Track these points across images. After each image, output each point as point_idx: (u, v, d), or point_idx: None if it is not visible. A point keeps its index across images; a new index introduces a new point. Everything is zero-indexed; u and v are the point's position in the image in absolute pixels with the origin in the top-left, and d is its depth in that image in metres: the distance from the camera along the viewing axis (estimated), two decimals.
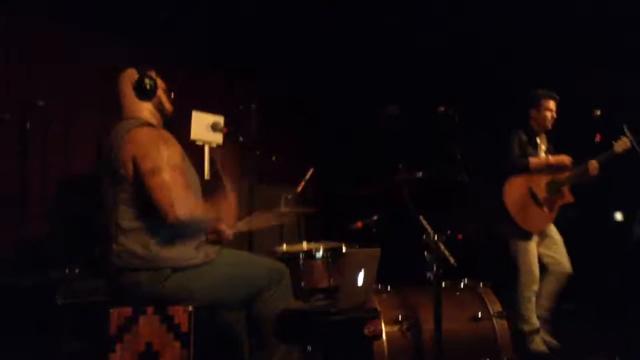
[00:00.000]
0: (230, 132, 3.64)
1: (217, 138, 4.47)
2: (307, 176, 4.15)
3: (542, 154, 4.38)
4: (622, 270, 7.60)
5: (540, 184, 4.25)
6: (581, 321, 4.34)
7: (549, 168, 4.25)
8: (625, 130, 4.17)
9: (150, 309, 2.48)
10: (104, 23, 4.90)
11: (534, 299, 4.12)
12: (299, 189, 4.09)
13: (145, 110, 2.67)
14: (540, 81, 4.68)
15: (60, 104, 4.68)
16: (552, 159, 4.28)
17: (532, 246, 4.18)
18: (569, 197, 4.31)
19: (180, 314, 2.50)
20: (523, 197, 4.20)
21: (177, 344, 2.49)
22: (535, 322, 4.09)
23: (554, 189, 4.25)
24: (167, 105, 2.76)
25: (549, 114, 4.35)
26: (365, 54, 7.03)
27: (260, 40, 6.20)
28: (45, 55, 4.64)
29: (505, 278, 4.30)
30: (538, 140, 4.42)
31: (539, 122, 4.38)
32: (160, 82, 2.75)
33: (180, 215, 2.42)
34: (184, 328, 2.50)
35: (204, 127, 3.91)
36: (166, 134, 2.59)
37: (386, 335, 2.82)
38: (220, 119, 3.92)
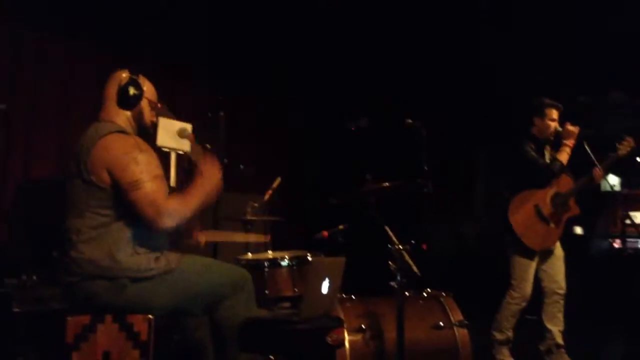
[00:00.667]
0: (198, 140, 3.59)
1: (184, 145, 4.42)
2: (275, 185, 4.13)
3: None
4: (582, 282, 7.77)
5: (545, 199, 4.14)
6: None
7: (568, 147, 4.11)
8: (586, 146, 4.15)
9: (109, 317, 2.43)
10: (67, 26, 4.85)
11: (518, 314, 4.09)
12: (266, 197, 4.07)
13: (122, 116, 2.63)
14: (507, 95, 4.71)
15: (22, 107, 4.60)
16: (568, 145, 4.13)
17: (533, 264, 4.11)
18: (575, 209, 4.22)
19: (140, 322, 2.46)
20: (529, 215, 4.11)
21: (136, 353, 2.44)
22: (509, 334, 4.08)
23: (559, 202, 4.13)
24: (147, 118, 2.72)
25: (552, 124, 4.20)
26: (335, 65, 7.09)
27: (229, 48, 6.19)
28: (5, 57, 4.56)
29: (468, 288, 4.35)
30: (544, 150, 4.27)
31: (542, 132, 4.23)
32: (149, 93, 2.70)
33: (168, 224, 2.44)
34: (144, 336, 2.46)
35: (171, 133, 3.85)
36: (141, 141, 2.56)
37: (349, 344, 2.82)
38: (187, 126, 3.87)
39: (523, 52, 6.52)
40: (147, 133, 2.76)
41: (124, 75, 2.65)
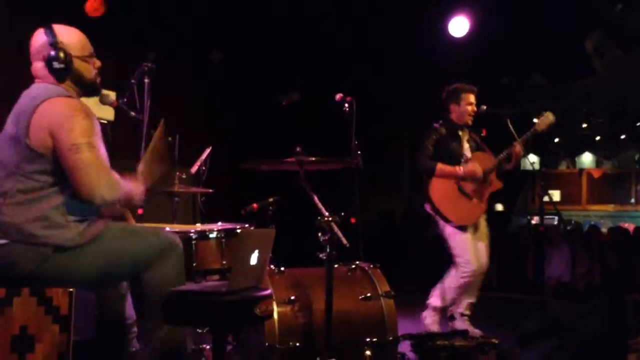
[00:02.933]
0: (120, 106, 3.45)
1: (107, 113, 4.26)
2: (203, 156, 4.06)
3: (466, 145, 4.37)
4: (501, 255, 8.15)
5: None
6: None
7: (457, 178, 4.22)
8: (509, 124, 4.31)
9: (25, 290, 2.33)
10: None
11: (464, 288, 4.19)
12: (194, 168, 3.99)
13: (64, 85, 2.48)
14: (440, 77, 4.78)
15: None
16: (461, 170, 4.21)
17: (468, 237, 4.21)
18: (497, 184, 4.34)
19: (60, 296, 2.36)
20: (451, 192, 4.21)
21: (56, 328, 2.35)
22: (447, 305, 4.22)
23: (480, 178, 4.24)
24: (87, 75, 2.55)
25: (469, 108, 4.31)
26: (268, 38, 7.00)
27: (163, 10, 5.98)
28: None
29: (394, 260, 4.46)
30: (460, 133, 4.38)
31: (460, 117, 4.33)
32: (77, 48, 2.50)
33: (107, 196, 2.36)
34: (64, 310, 2.37)
35: (92, 100, 3.69)
36: (86, 106, 2.44)
37: (278, 316, 2.83)
38: (110, 93, 3.71)
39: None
40: (94, 88, 2.61)
41: (43, 41, 2.45)
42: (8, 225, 2.32)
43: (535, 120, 4.35)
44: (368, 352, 2.91)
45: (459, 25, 6.62)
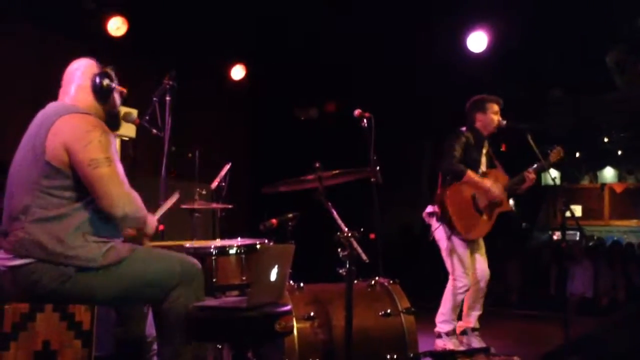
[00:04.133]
0: (142, 123, 3.50)
1: (129, 130, 4.32)
2: (223, 172, 4.08)
3: (483, 159, 4.39)
4: (523, 271, 8.04)
5: (482, 191, 4.26)
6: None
7: (481, 190, 4.23)
8: (530, 139, 4.28)
9: (49, 306, 2.35)
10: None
11: (461, 303, 4.19)
12: (214, 184, 4.01)
13: (91, 106, 2.56)
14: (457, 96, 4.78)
15: None
16: (488, 185, 4.20)
17: (468, 252, 4.21)
18: (507, 206, 4.37)
19: (82, 312, 2.39)
20: (465, 204, 4.21)
21: (78, 343, 2.38)
22: (455, 324, 4.19)
23: (499, 199, 4.24)
24: (116, 107, 2.67)
25: (495, 117, 4.35)
26: (287, 55, 7.06)
27: (183, 28, 6.06)
28: None
29: (414, 276, 4.43)
30: (483, 144, 4.40)
31: (486, 126, 4.36)
32: (116, 81, 2.63)
33: (128, 209, 2.39)
34: (86, 326, 2.39)
35: None
36: (103, 124, 2.50)
37: (297, 332, 2.82)
38: (133, 110, 3.77)
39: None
40: (117, 122, 2.70)
41: (92, 62, 2.58)
42: (31, 243, 2.34)
43: (549, 151, 4.37)
44: None
45: (478, 40, 6.61)
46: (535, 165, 4.32)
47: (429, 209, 4.35)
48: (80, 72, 2.57)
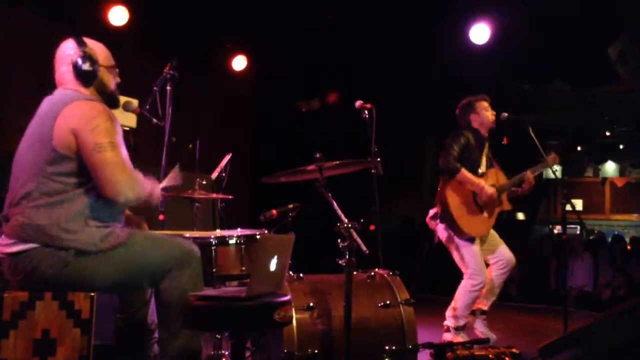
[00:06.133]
0: (143, 113, 3.49)
1: (130, 120, 4.31)
2: (223, 162, 4.07)
3: (484, 159, 4.37)
4: (523, 264, 8.04)
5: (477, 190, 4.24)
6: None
7: (475, 189, 4.20)
8: (531, 131, 4.27)
9: (48, 294, 2.36)
10: None
11: (476, 300, 4.17)
12: (214, 174, 4.01)
13: (84, 91, 2.54)
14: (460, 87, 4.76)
15: None
16: (481, 185, 4.18)
17: (478, 248, 4.19)
18: (506, 204, 4.36)
19: (81, 300, 2.40)
20: (466, 202, 4.20)
21: (77, 331, 2.38)
22: (467, 320, 4.17)
23: (494, 199, 4.24)
24: (109, 85, 2.62)
25: (488, 113, 4.33)
26: (290, 46, 7.04)
27: (184, 18, 6.04)
28: None
29: (413, 267, 4.43)
30: (483, 145, 4.37)
31: (481, 124, 4.34)
32: (102, 58, 2.59)
33: (130, 194, 2.40)
34: (85, 314, 2.40)
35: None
36: (109, 110, 2.49)
37: (297, 322, 2.83)
38: (133, 100, 3.76)
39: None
40: (114, 99, 2.66)
41: (72, 48, 2.54)
42: (32, 228, 2.35)
43: (544, 155, 4.35)
44: None
45: (480, 33, 6.58)
46: (537, 165, 4.34)
47: (431, 212, 4.34)
48: (61, 57, 2.56)
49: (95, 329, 2.41)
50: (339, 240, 2.78)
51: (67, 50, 2.54)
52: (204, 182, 3.74)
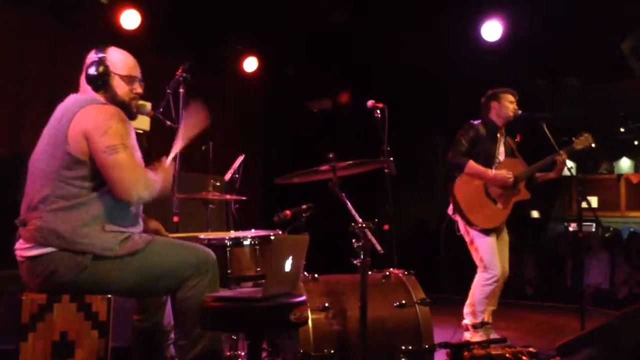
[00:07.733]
0: (156, 115, 3.51)
1: (143, 123, 4.33)
2: (236, 164, 4.08)
3: (501, 148, 4.32)
4: (539, 263, 7.99)
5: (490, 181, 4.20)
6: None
7: (486, 180, 4.17)
8: (545, 129, 4.22)
9: (65, 297, 2.38)
10: None
11: (491, 295, 4.13)
12: (227, 176, 4.02)
13: (100, 96, 2.57)
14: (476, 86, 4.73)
15: None
16: (492, 173, 4.16)
17: (493, 240, 4.15)
18: (524, 194, 4.28)
19: (99, 302, 2.41)
20: (476, 194, 4.17)
21: (95, 333, 2.40)
22: (484, 317, 4.14)
23: (510, 186, 4.18)
24: (121, 95, 2.59)
25: (510, 105, 4.28)
26: (301, 46, 7.04)
27: (195, 20, 6.06)
28: None
29: (429, 267, 4.41)
30: (498, 135, 4.33)
31: (501, 114, 4.28)
32: (120, 67, 2.58)
33: (143, 195, 2.42)
34: (103, 316, 2.41)
35: None
36: (121, 112, 2.51)
37: (312, 322, 2.83)
38: (146, 103, 3.78)
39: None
40: (125, 109, 2.62)
41: (92, 54, 2.59)
42: (49, 232, 2.36)
43: (574, 138, 4.28)
44: None
45: (492, 30, 6.54)
46: (565, 149, 4.24)
47: (451, 206, 4.32)
48: (84, 64, 2.61)
49: (112, 331, 2.42)
50: (353, 240, 2.78)
51: (88, 57, 2.60)
52: (218, 184, 3.75)
